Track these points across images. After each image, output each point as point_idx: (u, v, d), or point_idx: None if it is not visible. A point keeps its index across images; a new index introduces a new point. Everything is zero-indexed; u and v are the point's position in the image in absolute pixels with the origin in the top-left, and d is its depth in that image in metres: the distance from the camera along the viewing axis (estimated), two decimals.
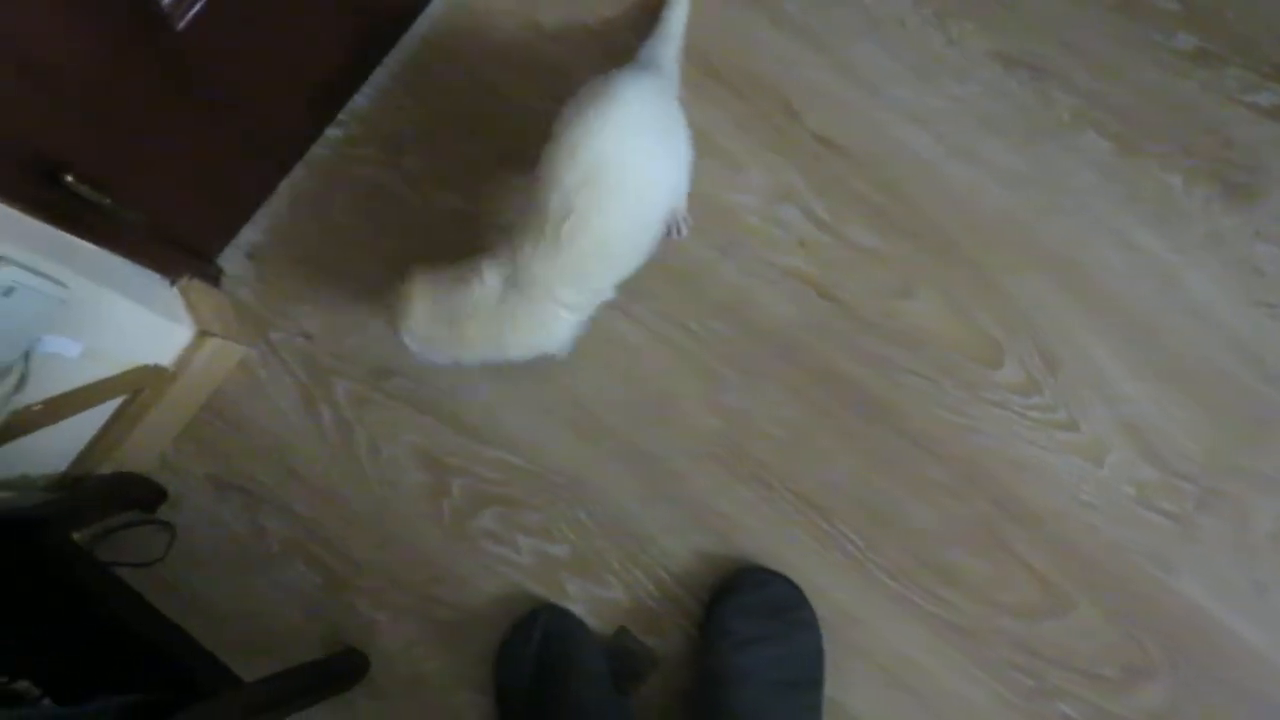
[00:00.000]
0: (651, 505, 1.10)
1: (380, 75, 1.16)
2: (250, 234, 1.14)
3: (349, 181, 1.15)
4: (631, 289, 1.08)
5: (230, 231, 1.12)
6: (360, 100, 1.16)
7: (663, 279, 1.12)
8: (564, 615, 1.06)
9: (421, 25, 1.17)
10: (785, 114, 1.15)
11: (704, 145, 1.05)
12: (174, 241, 1.03)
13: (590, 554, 1.10)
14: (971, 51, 1.15)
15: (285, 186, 1.15)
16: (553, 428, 1.11)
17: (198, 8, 0.83)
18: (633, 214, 0.92)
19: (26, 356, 0.81)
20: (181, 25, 0.83)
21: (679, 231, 1.11)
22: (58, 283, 0.80)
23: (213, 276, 1.10)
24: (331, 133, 1.16)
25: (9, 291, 0.74)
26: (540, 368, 1.08)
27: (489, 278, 0.91)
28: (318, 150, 1.15)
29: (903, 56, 1.16)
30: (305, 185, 1.15)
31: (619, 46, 1.14)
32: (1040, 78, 1.15)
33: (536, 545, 1.09)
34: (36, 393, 0.87)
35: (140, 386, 1.00)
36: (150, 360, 1.00)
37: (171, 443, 1.11)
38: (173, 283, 1.04)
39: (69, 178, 0.82)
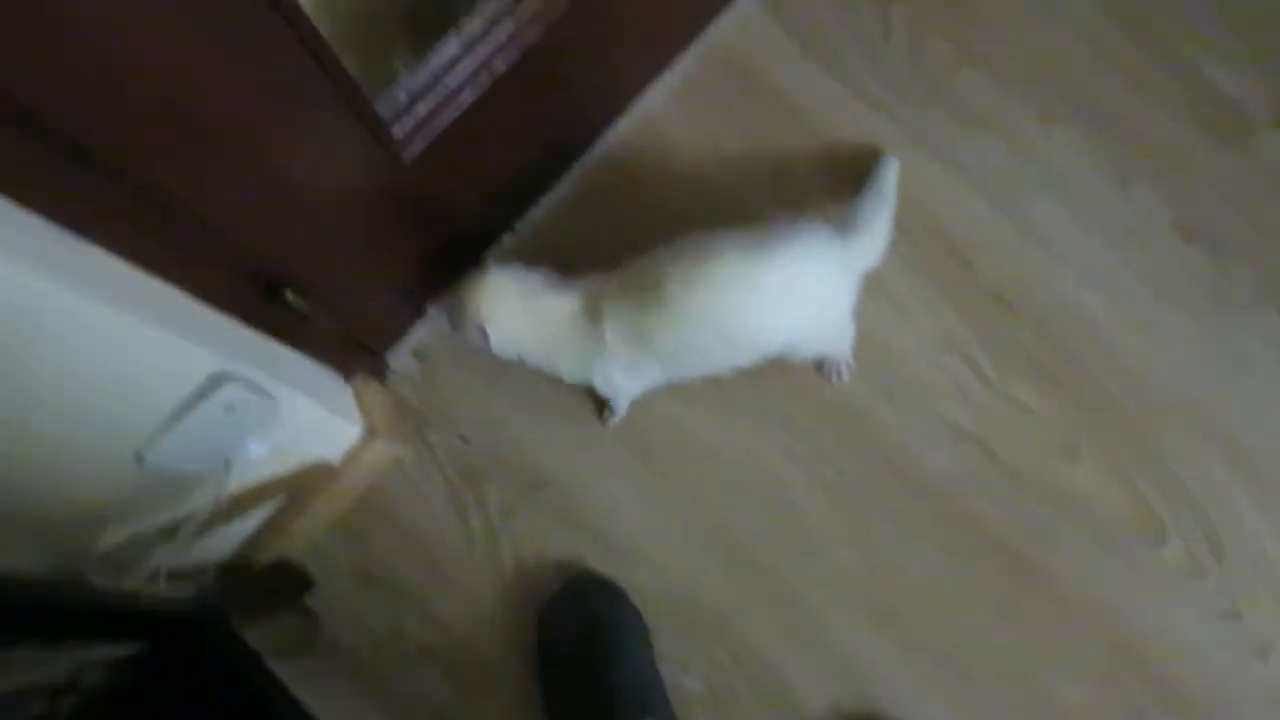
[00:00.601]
0: (791, 650, 1.08)
1: (560, 189, 1.19)
2: (420, 333, 1.16)
3: None
4: (790, 425, 1.09)
5: (403, 330, 1.14)
6: (536, 211, 1.18)
7: (822, 417, 1.11)
8: (606, 584, 1.08)
9: (609, 141, 1.19)
10: (959, 264, 1.14)
11: (874, 287, 1.06)
12: (355, 341, 1.05)
13: (724, 693, 1.08)
14: (1153, 219, 1.14)
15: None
16: (700, 556, 1.10)
17: (427, 142, 0.85)
18: (721, 335, 0.94)
19: (228, 464, 0.83)
20: (408, 158, 0.85)
21: (839, 375, 1.10)
22: (268, 395, 0.82)
23: (380, 373, 1.13)
24: (506, 239, 1.18)
25: (229, 409, 0.76)
26: (695, 494, 1.09)
27: (571, 297, 0.97)
28: (491, 255, 1.17)
29: (1082, 219, 1.14)
30: None
31: (794, 183, 1.15)
32: (1220, 251, 1.13)
33: (672, 675, 1.08)
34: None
35: (309, 482, 1.02)
36: (321, 456, 1.02)
37: (326, 533, 1.12)
38: (347, 379, 1.06)
39: (289, 293, 0.84)
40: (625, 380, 1.03)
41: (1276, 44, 1.17)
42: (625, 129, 1.19)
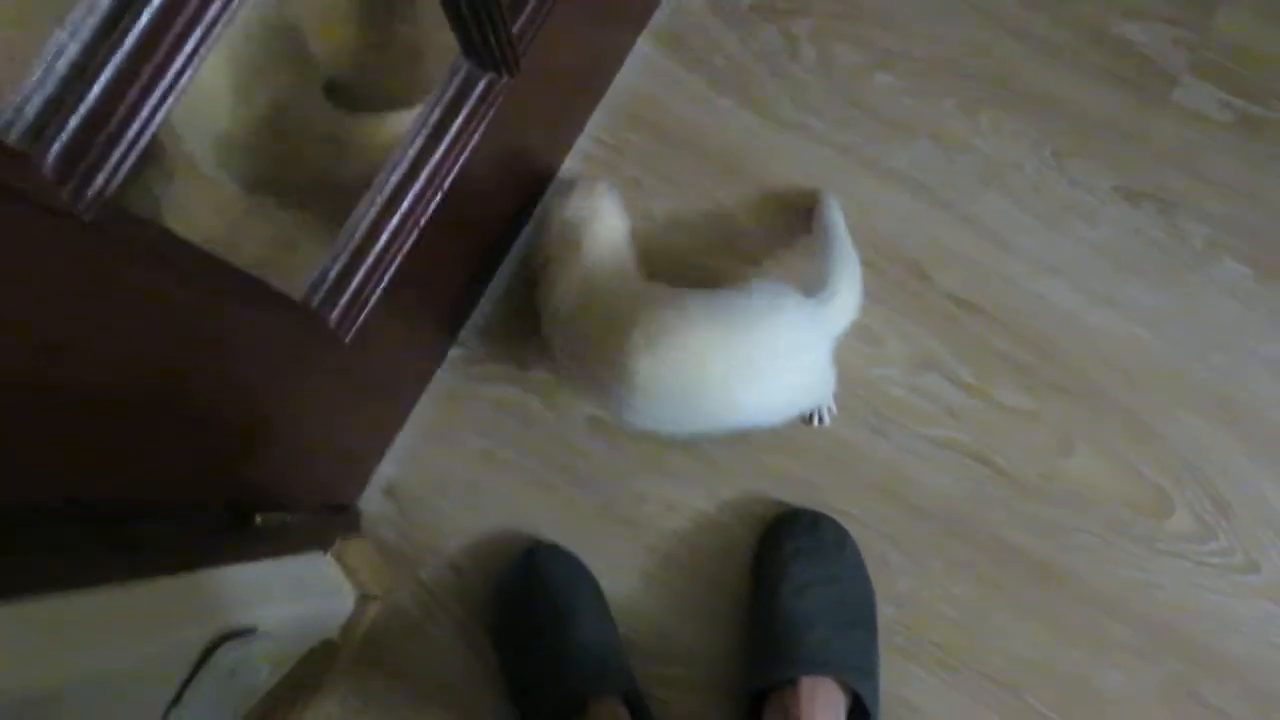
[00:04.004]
0: None
1: (496, 286, 1.13)
2: (386, 469, 1.10)
3: (478, 401, 1.11)
4: (780, 477, 1.06)
5: (366, 477, 1.08)
6: (477, 317, 1.12)
7: (812, 464, 1.08)
8: (561, 553, 1.06)
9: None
10: (917, 278, 1.12)
11: None
12: (321, 512, 0.99)
13: None
14: (1095, 190, 1.13)
15: (414, 416, 1.11)
16: (705, 629, 1.07)
17: (364, 312, 0.79)
18: (696, 412, 0.92)
19: (236, 715, 0.77)
20: (347, 334, 0.79)
21: (821, 419, 1.08)
22: (263, 633, 0.76)
23: (355, 525, 1.07)
24: (454, 353, 1.12)
25: (232, 674, 0.70)
26: (692, 568, 1.06)
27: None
28: (441, 374, 1.11)
29: (1027, 204, 1.13)
30: (433, 412, 1.11)
31: (743, 238, 1.11)
32: (1168, 209, 1.12)
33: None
34: None
35: (312, 667, 0.97)
36: (319, 640, 0.96)
37: (339, 703, 1.06)
38: (325, 550, 1.00)
39: (258, 517, 0.78)
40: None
41: None
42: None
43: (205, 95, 0.82)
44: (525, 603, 1.02)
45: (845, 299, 0.96)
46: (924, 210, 1.13)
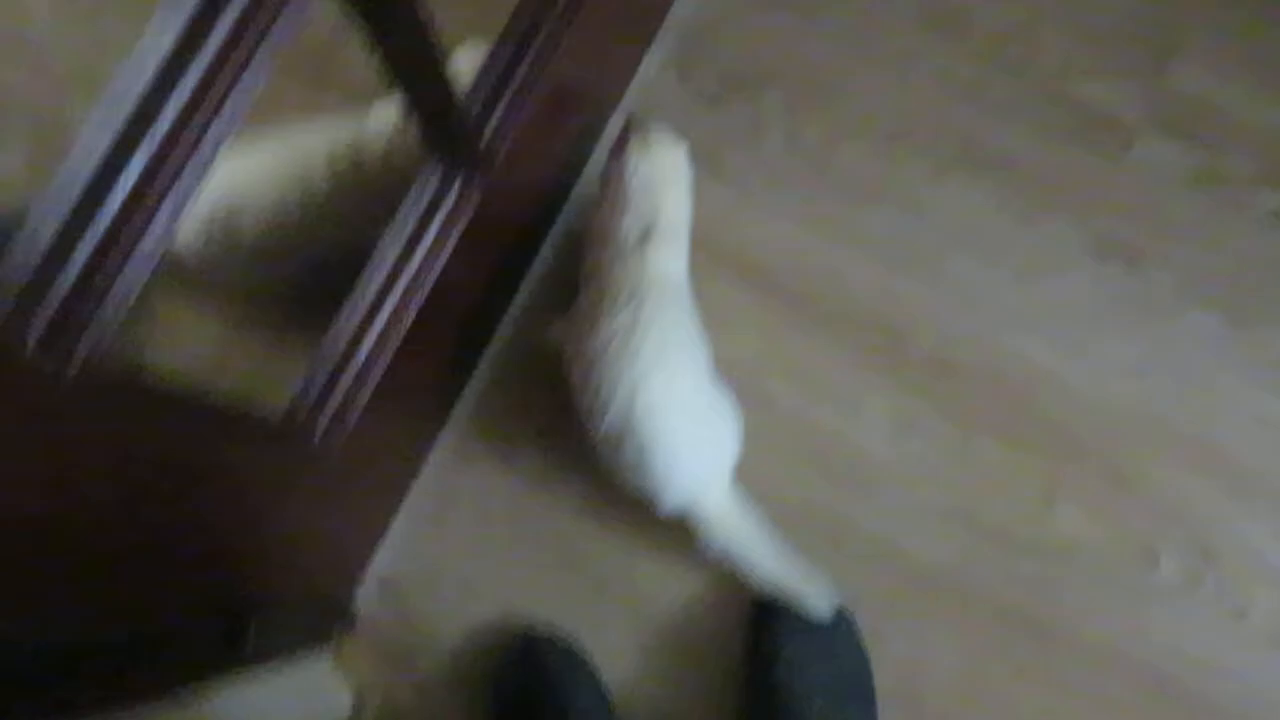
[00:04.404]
0: None
1: (483, 370, 1.14)
2: (381, 562, 1.11)
3: (469, 488, 1.12)
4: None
5: (360, 572, 1.08)
6: (465, 401, 1.14)
7: (804, 535, 1.09)
8: (557, 642, 1.04)
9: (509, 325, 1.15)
10: (892, 341, 1.13)
11: (818, 389, 1.08)
12: (316, 612, 0.99)
13: None
14: (1063, 246, 1.15)
15: (405, 506, 1.12)
16: (724, 707, 1.07)
17: (346, 433, 0.80)
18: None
19: None
20: (332, 447, 0.80)
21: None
22: None
23: (350, 622, 1.07)
24: (443, 440, 1.13)
25: None
26: (690, 649, 1.06)
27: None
28: (431, 462, 1.12)
29: (997, 263, 1.15)
30: (425, 502, 1.12)
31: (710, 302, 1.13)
32: (1135, 261, 1.14)
33: None
34: None
35: None
36: None
37: None
38: (321, 652, 1.01)
39: (252, 629, 0.78)
40: None
41: (1130, 48, 1.18)
42: (521, 303, 1.15)
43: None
44: (523, 696, 1.02)
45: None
46: (897, 275, 1.15)
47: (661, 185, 1.00)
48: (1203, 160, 1.16)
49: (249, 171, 0.93)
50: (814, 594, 1.01)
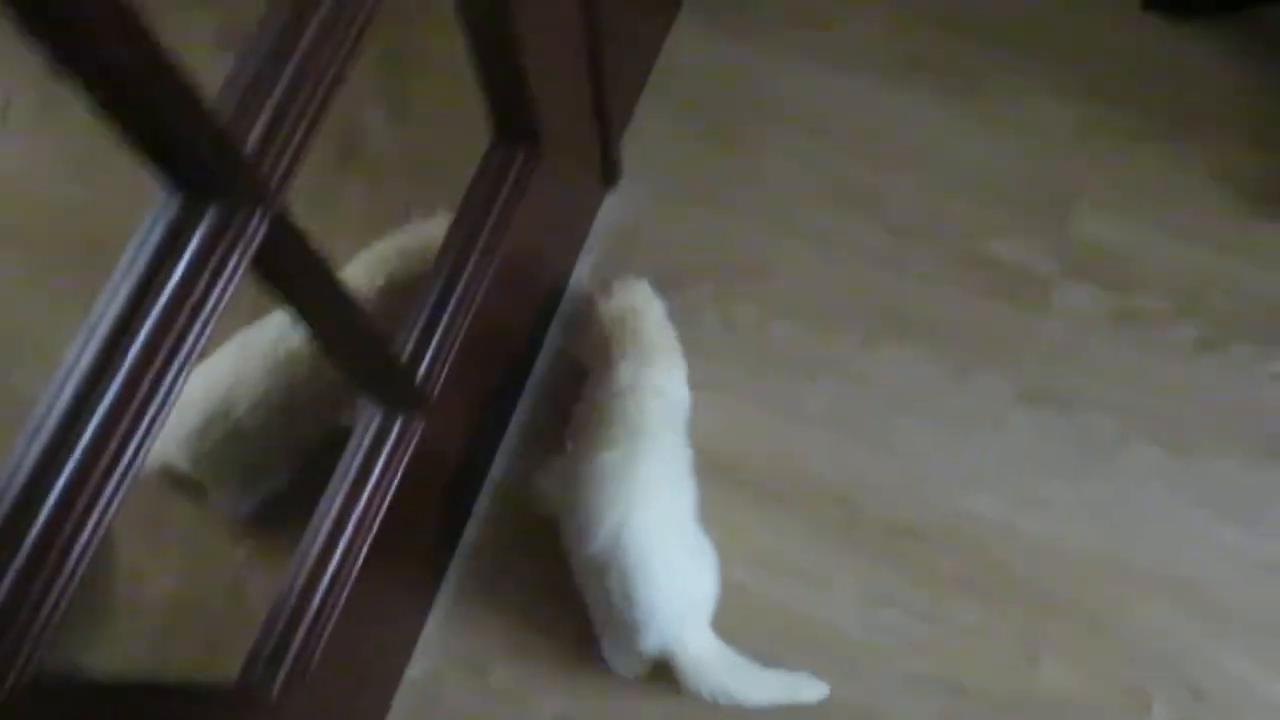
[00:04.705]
0: None
1: (446, 590, 1.13)
2: None
3: (440, 713, 1.09)
4: None
5: None
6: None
7: (788, 714, 1.06)
8: None
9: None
10: (849, 513, 1.14)
11: (783, 569, 1.10)
12: None
13: None
14: (997, 400, 1.18)
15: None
16: None
17: (304, 681, 0.79)
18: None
19: None
20: (294, 702, 0.79)
21: None
22: None
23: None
24: (411, 672, 1.10)
25: None
26: None
27: None
28: (402, 694, 1.09)
29: (936, 423, 1.17)
30: None
31: None
32: (1069, 406, 1.18)
33: None
34: None
35: None
36: None
37: None
38: None
39: None
40: None
41: (1032, 204, 1.25)
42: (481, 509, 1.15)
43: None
44: None
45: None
46: (843, 446, 1.17)
47: (633, 315, 1.07)
48: (1118, 302, 1.22)
49: (230, 371, 1.01)
50: (804, 690, 1.03)
